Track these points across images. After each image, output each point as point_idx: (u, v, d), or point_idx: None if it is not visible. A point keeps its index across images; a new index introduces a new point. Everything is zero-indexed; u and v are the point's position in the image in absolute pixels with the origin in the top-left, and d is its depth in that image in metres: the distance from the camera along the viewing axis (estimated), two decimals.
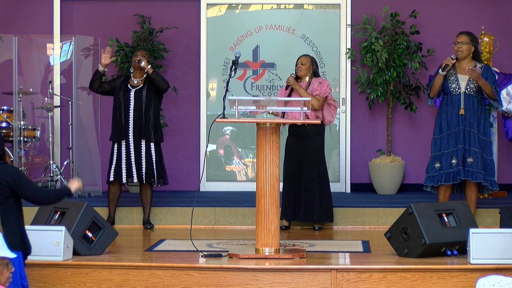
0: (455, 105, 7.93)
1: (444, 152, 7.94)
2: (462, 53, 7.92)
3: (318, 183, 8.26)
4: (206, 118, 10.33)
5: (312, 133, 8.24)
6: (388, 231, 6.62)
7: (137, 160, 8.26)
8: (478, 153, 7.86)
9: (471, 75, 7.79)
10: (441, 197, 8.00)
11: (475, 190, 7.99)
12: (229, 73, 6.72)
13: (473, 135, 7.87)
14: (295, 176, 8.24)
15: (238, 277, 6.01)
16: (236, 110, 6.42)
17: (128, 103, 8.28)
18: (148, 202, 8.39)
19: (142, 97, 8.28)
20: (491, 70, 8.07)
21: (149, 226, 8.37)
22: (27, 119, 9.68)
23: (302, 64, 8.34)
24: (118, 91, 8.34)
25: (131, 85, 8.35)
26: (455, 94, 7.93)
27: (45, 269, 6.13)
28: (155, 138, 8.31)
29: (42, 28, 10.37)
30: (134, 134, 8.26)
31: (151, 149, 8.30)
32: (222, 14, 10.53)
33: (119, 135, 8.28)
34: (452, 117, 7.93)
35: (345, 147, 10.26)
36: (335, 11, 10.39)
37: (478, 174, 7.85)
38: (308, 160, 8.25)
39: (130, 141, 8.26)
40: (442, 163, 7.94)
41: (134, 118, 8.26)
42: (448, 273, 5.98)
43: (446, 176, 7.92)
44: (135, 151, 8.27)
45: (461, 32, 8.07)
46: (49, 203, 5.60)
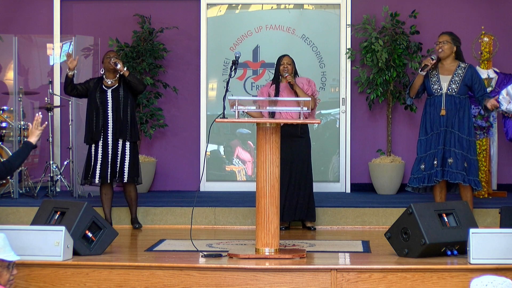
0: (437, 106, 7.91)
1: (428, 153, 7.93)
2: (443, 52, 7.90)
3: (305, 182, 8.27)
4: (206, 118, 10.33)
5: (301, 132, 8.26)
6: (388, 231, 6.62)
7: (113, 160, 8.20)
8: (459, 153, 7.82)
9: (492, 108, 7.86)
10: (437, 198, 7.99)
11: (469, 190, 7.95)
12: (229, 73, 6.72)
13: (453, 135, 7.85)
14: (285, 175, 8.22)
15: (238, 277, 6.01)
16: (236, 110, 6.42)
17: (106, 103, 8.23)
18: (134, 201, 8.35)
19: (120, 96, 8.24)
20: (476, 72, 8.01)
21: (137, 226, 8.35)
22: (27, 119, 9.68)
23: (289, 64, 8.33)
24: (93, 92, 8.27)
25: (106, 86, 8.30)
26: (437, 95, 7.91)
27: (45, 269, 6.13)
28: (132, 137, 8.28)
29: (42, 28, 10.37)
30: (113, 134, 8.21)
31: (126, 148, 8.26)
32: (222, 14, 10.53)
33: (95, 136, 8.21)
34: (434, 118, 7.91)
35: (345, 147, 10.26)
36: (335, 11, 10.39)
37: (457, 174, 7.81)
38: (297, 160, 8.25)
39: (109, 141, 8.21)
40: (426, 164, 7.92)
41: (113, 118, 8.22)
42: (448, 273, 5.98)
43: (428, 177, 7.90)
44: (113, 151, 8.21)
45: (443, 32, 8.06)
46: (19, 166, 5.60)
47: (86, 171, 8.27)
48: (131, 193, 8.34)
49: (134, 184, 8.32)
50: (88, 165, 8.27)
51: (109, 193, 8.32)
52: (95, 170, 8.20)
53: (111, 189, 8.34)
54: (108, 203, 8.33)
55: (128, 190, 8.33)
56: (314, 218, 8.36)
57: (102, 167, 8.19)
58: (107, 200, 8.32)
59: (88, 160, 8.27)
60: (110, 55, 8.35)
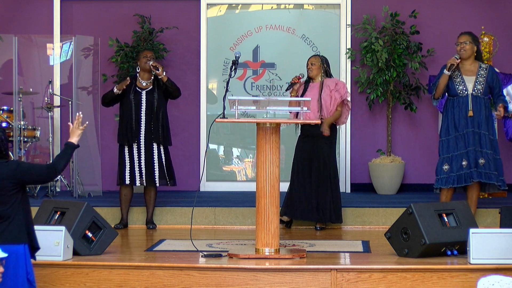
0: (462, 107, 7.88)
1: (453, 155, 7.90)
2: (466, 52, 7.87)
3: (329, 183, 8.23)
4: (206, 118, 10.33)
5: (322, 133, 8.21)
6: (388, 231, 6.62)
7: (148, 163, 8.21)
8: (490, 154, 7.84)
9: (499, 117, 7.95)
10: (443, 197, 7.98)
11: (477, 190, 7.97)
12: (229, 73, 6.72)
13: (484, 136, 7.85)
14: (305, 176, 8.22)
15: (238, 277, 6.01)
16: (236, 110, 6.42)
17: (140, 105, 8.22)
18: (152, 202, 8.38)
19: (154, 99, 8.23)
20: (496, 73, 8.04)
21: (152, 226, 8.37)
22: (27, 119, 9.68)
23: (312, 65, 8.34)
24: (128, 93, 8.24)
25: (140, 87, 8.27)
26: (462, 96, 7.88)
27: (45, 269, 6.13)
28: (165, 142, 8.28)
29: (42, 28, 10.37)
30: (145, 137, 8.20)
31: (161, 152, 8.28)
32: (222, 14, 10.53)
33: (131, 138, 8.21)
34: (460, 119, 7.88)
35: (345, 147, 10.26)
36: (335, 11, 10.39)
37: (491, 175, 7.84)
38: (318, 160, 8.23)
39: (141, 144, 8.22)
40: (452, 165, 7.89)
41: (146, 121, 8.21)
42: (448, 273, 5.98)
43: (458, 178, 7.88)
44: (146, 154, 8.21)
45: (462, 32, 8.04)
46: (63, 168, 5.56)
47: (120, 173, 8.27)
48: (151, 194, 8.36)
49: (155, 186, 8.32)
50: (122, 167, 8.26)
51: (128, 194, 8.33)
52: (124, 171, 8.22)
53: (132, 191, 8.34)
54: (127, 204, 8.35)
55: (149, 191, 8.34)
56: (341, 219, 8.31)
57: (131, 170, 8.20)
58: (126, 201, 8.34)
59: (123, 163, 8.26)
60: (147, 55, 8.31)
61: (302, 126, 8.35)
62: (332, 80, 8.36)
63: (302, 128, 8.39)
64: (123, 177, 8.26)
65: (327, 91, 8.22)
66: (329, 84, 8.28)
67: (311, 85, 8.34)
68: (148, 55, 8.30)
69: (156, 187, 8.35)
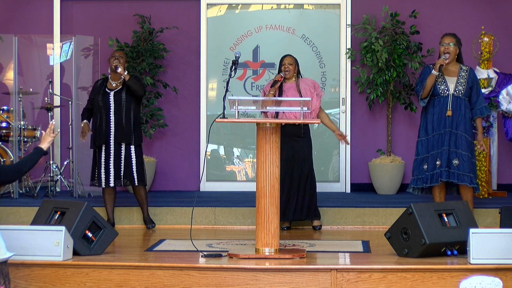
0: (443, 106, 7.88)
1: (431, 154, 7.91)
2: (450, 54, 7.87)
3: (309, 182, 8.26)
4: (206, 118, 10.33)
5: (303, 132, 8.24)
6: (388, 231, 6.62)
7: (117, 164, 8.20)
8: (465, 155, 7.81)
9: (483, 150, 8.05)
10: (436, 198, 7.98)
11: (469, 190, 7.94)
12: (229, 73, 6.72)
13: (461, 137, 7.84)
14: (286, 176, 8.21)
15: (238, 277, 6.01)
16: (236, 110, 6.42)
17: (108, 106, 8.20)
18: (144, 201, 8.36)
19: (122, 99, 8.21)
20: (475, 75, 8.01)
21: (151, 226, 8.36)
22: (27, 119, 9.68)
23: (290, 64, 8.28)
24: (97, 95, 8.26)
25: (109, 88, 8.27)
26: (443, 95, 7.89)
27: (45, 269, 6.12)
28: (135, 141, 8.26)
29: (42, 28, 10.37)
30: (115, 137, 8.19)
31: (131, 151, 8.25)
32: (222, 14, 10.53)
33: (99, 140, 8.20)
34: (439, 119, 7.89)
35: (345, 147, 10.26)
36: (335, 11, 10.39)
37: (464, 176, 7.80)
38: (299, 160, 8.25)
39: (111, 145, 8.20)
40: (428, 165, 7.91)
41: (115, 121, 8.20)
42: (448, 273, 5.98)
43: (430, 177, 7.89)
44: (115, 155, 8.20)
45: (446, 33, 8.01)
46: (28, 171, 5.64)
47: (92, 173, 8.30)
48: (141, 193, 8.34)
49: (143, 185, 8.32)
50: (93, 168, 8.28)
51: (111, 193, 8.33)
52: (100, 174, 8.21)
53: (114, 190, 8.34)
54: (111, 204, 8.34)
55: (138, 191, 8.33)
56: (319, 216, 8.35)
57: (106, 171, 8.19)
58: (110, 200, 8.32)
59: (94, 163, 8.29)
60: (115, 55, 8.30)
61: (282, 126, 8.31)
62: (307, 81, 8.31)
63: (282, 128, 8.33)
64: (92, 177, 8.27)
65: (308, 92, 8.18)
66: (307, 84, 8.24)
67: (286, 85, 8.27)
68: (117, 55, 8.29)
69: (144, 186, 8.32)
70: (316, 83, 8.39)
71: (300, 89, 8.19)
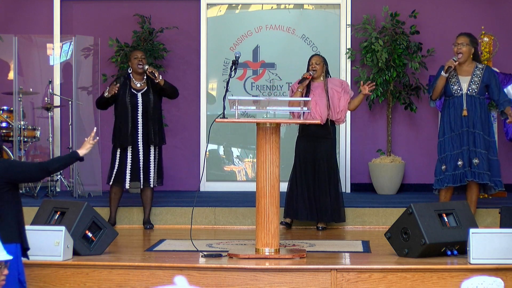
0: (458, 106, 7.91)
1: (448, 154, 7.92)
2: (463, 55, 7.90)
3: (330, 183, 8.23)
4: (206, 118, 10.33)
5: (326, 133, 8.21)
6: (388, 231, 6.62)
7: (146, 165, 8.20)
8: (484, 154, 7.85)
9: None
10: (442, 197, 7.98)
11: (476, 190, 7.98)
12: (229, 73, 6.72)
13: (478, 136, 7.86)
14: (308, 176, 8.21)
15: (238, 277, 6.01)
16: (236, 110, 6.42)
17: (136, 107, 8.19)
18: (149, 202, 8.38)
19: (150, 101, 8.20)
20: (493, 72, 8.06)
21: (149, 226, 8.37)
22: (27, 119, 9.68)
23: (317, 64, 8.30)
24: (123, 95, 8.21)
25: (135, 89, 8.26)
26: (457, 95, 7.91)
27: (45, 269, 6.13)
28: (160, 142, 8.29)
29: (42, 28, 10.37)
30: (143, 139, 8.19)
31: (156, 153, 8.28)
32: (222, 14, 10.53)
33: (126, 141, 8.19)
34: (455, 119, 7.91)
35: (345, 147, 10.26)
36: (335, 11, 10.39)
37: (483, 175, 7.84)
38: (320, 160, 8.22)
39: (140, 146, 8.19)
40: (447, 165, 7.92)
41: (143, 123, 8.20)
42: (448, 273, 5.98)
43: (453, 178, 7.89)
44: (144, 156, 8.20)
45: (460, 33, 8.05)
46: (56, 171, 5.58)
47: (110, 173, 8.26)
48: (148, 194, 8.35)
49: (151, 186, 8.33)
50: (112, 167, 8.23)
51: (118, 193, 8.33)
52: (125, 174, 8.19)
53: (121, 191, 8.34)
54: (116, 203, 8.35)
55: (146, 191, 8.33)
56: (343, 218, 8.32)
57: (133, 172, 8.18)
58: (115, 200, 8.33)
59: (113, 163, 8.25)
60: (137, 55, 8.28)
61: (305, 126, 8.32)
62: (335, 80, 8.36)
63: (303, 128, 8.36)
64: (111, 177, 8.26)
65: (335, 92, 8.19)
66: (334, 84, 8.26)
67: (314, 85, 8.30)
68: (139, 56, 8.28)
69: (152, 188, 8.35)
70: (345, 82, 8.44)
71: (328, 88, 8.21)
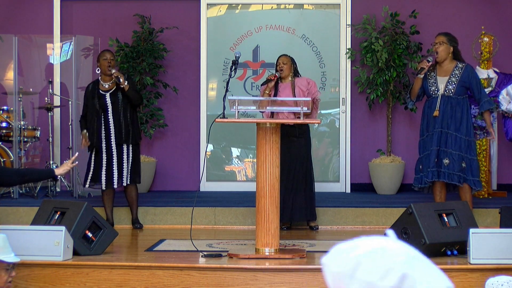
0: (433, 107, 7.92)
1: (426, 153, 7.94)
2: (439, 54, 7.90)
3: (305, 182, 8.24)
4: (206, 118, 10.33)
5: (299, 133, 8.22)
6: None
7: (119, 165, 8.20)
8: (455, 154, 7.81)
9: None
10: (437, 197, 7.98)
11: (468, 190, 7.94)
12: (229, 73, 6.72)
13: (451, 136, 7.85)
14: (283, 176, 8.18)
15: (238, 277, 6.01)
16: (236, 110, 6.42)
17: (106, 108, 8.18)
18: (134, 201, 8.36)
19: (119, 100, 8.18)
20: (473, 71, 8.01)
21: (138, 226, 8.35)
22: (27, 119, 9.68)
23: (284, 64, 8.26)
24: (92, 99, 8.22)
25: (103, 90, 8.25)
26: (434, 96, 7.92)
27: (45, 269, 6.13)
28: (134, 140, 8.26)
29: (42, 28, 10.37)
30: (115, 139, 8.18)
31: (130, 151, 8.25)
32: (222, 14, 10.53)
33: (98, 142, 8.18)
34: (430, 119, 7.93)
35: (345, 147, 10.26)
36: (335, 11, 10.39)
37: (453, 175, 7.81)
38: (295, 161, 8.23)
39: (113, 147, 8.18)
40: (424, 164, 7.94)
41: (114, 123, 8.18)
42: (448, 273, 5.95)
43: (431, 174, 7.91)
44: (118, 156, 8.19)
45: (439, 33, 8.06)
46: (27, 181, 5.68)
47: (86, 175, 8.26)
48: (132, 193, 8.33)
49: (135, 184, 8.32)
50: (88, 170, 8.24)
51: (110, 193, 8.32)
52: (100, 175, 8.18)
53: (113, 190, 8.34)
54: (110, 204, 8.33)
55: (129, 191, 8.33)
56: (315, 217, 8.34)
57: (108, 173, 8.18)
58: (108, 200, 8.31)
59: (89, 165, 8.25)
60: (107, 57, 8.27)
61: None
62: (302, 80, 8.30)
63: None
64: (86, 180, 8.24)
65: (300, 92, 8.17)
66: (300, 84, 8.24)
67: (282, 85, 8.25)
68: (108, 57, 8.26)
69: (136, 186, 8.33)
70: (311, 81, 8.33)
71: (295, 88, 8.19)
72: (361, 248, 1.97)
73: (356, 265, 1.95)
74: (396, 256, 1.94)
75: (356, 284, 1.95)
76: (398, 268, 1.93)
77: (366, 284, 1.93)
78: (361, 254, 1.96)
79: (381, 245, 1.97)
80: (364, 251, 1.96)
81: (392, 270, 1.92)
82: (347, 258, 1.97)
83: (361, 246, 1.97)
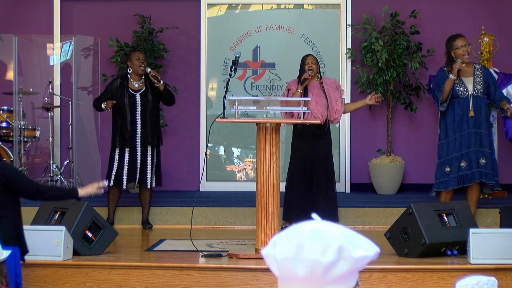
0: (464, 107, 7.90)
1: (453, 156, 7.91)
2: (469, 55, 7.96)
3: (325, 183, 8.21)
4: (206, 118, 10.33)
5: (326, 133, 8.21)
6: (388, 231, 6.62)
7: (143, 166, 8.20)
8: (489, 154, 7.88)
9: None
10: (443, 199, 7.98)
11: (477, 190, 7.97)
12: (229, 73, 6.73)
13: (485, 136, 7.88)
14: (304, 177, 8.17)
15: (238, 277, 6.01)
16: (236, 110, 6.42)
17: (134, 108, 8.18)
18: (148, 203, 8.38)
19: (149, 102, 8.19)
20: (489, 71, 8.11)
21: (148, 226, 8.37)
22: (27, 119, 9.68)
23: (313, 64, 8.24)
24: (121, 96, 8.19)
25: (133, 90, 8.25)
26: (463, 96, 7.91)
27: (45, 269, 6.13)
28: (158, 143, 8.29)
29: (42, 28, 10.36)
30: (141, 140, 8.18)
31: (154, 154, 8.28)
32: (222, 14, 10.53)
33: (125, 142, 8.17)
34: (461, 120, 7.90)
35: (345, 147, 10.26)
36: (335, 11, 10.39)
37: (489, 175, 7.87)
38: (317, 161, 8.19)
39: (138, 147, 8.19)
40: (451, 167, 7.91)
41: (142, 124, 8.19)
42: (448, 273, 5.99)
43: (457, 179, 7.89)
44: (142, 157, 8.20)
45: (458, 34, 8.06)
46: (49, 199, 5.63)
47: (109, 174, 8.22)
48: (146, 194, 8.35)
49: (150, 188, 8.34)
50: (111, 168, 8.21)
51: (116, 193, 8.32)
52: (121, 175, 8.18)
53: (120, 191, 8.34)
54: (114, 204, 8.34)
55: (144, 192, 8.33)
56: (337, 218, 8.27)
57: (130, 173, 8.18)
58: (113, 201, 8.32)
59: (111, 164, 8.22)
60: (139, 57, 8.27)
61: (302, 127, 8.28)
62: (329, 81, 8.32)
63: (301, 129, 8.30)
64: (109, 179, 8.24)
65: (331, 92, 8.18)
66: (329, 85, 8.25)
67: (311, 85, 8.28)
68: (141, 58, 8.28)
69: (150, 189, 8.35)
70: (337, 83, 8.44)
71: (324, 88, 8.20)
72: (300, 232, 2.21)
73: (298, 247, 2.17)
74: (331, 233, 2.21)
75: (302, 265, 2.17)
76: (335, 242, 2.19)
77: (312, 262, 2.17)
78: (301, 237, 2.19)
79: (316, 227, 2.23)
80: (303, 235, 2.20)
81: (330, 246, 2.18)
82: (288, 243, 2.19)
83: (299, 230, 2.21)
